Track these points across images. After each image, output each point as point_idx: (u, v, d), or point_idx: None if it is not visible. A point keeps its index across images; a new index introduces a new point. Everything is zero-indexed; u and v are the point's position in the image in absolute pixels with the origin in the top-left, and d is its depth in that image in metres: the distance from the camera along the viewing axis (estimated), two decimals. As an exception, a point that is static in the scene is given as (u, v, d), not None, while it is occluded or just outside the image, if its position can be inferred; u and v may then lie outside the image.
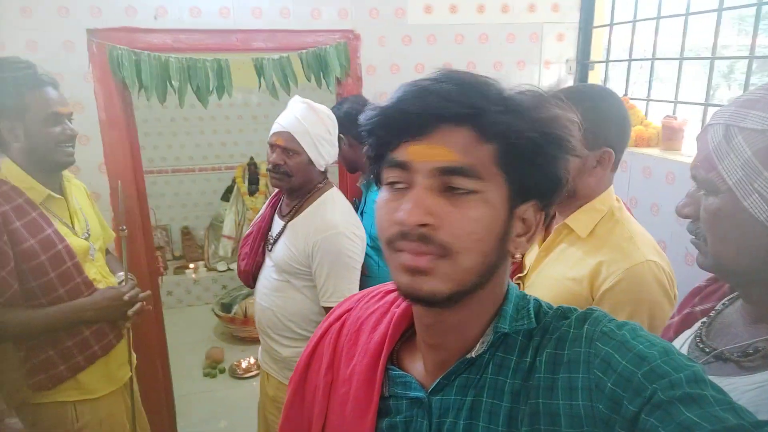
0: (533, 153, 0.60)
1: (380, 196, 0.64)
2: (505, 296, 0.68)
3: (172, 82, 2.15)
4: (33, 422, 1.71)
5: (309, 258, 1.73)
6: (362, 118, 0.64)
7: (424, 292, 0.60)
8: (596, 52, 2.58)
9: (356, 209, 2.07)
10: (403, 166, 0.61)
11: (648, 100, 2.28)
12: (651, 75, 2.25)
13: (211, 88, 2.19)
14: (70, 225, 1.74)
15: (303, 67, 2.27)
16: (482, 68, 2.52)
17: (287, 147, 1.76)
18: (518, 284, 1.39)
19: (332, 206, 1.81)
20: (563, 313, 0.67)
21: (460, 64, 2.49)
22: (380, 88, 2.08)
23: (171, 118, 4.75)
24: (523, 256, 1.43)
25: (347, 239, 1.73)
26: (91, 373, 1.73)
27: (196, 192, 5.07)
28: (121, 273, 1.88)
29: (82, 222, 1.79)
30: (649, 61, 2.31)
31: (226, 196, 4.79)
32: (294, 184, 1.80)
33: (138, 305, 1.79)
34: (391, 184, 0.63)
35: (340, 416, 0.73)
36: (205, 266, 4.77)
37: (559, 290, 1.24)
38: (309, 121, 1.75)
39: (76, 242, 1.69)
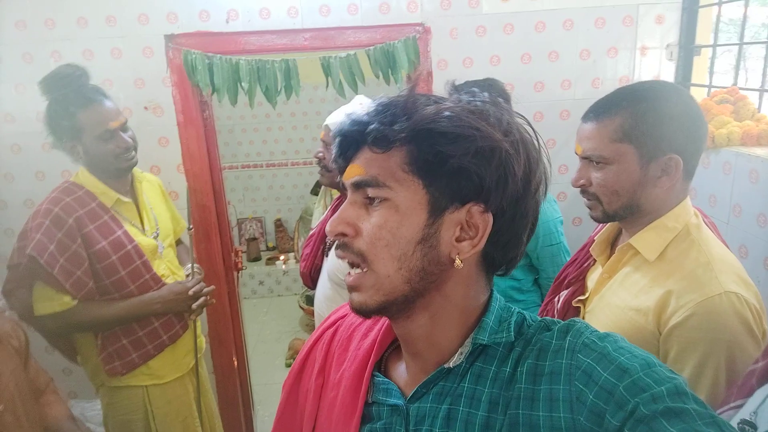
0: (427, 153, 0.61)
1: None
2: (486, 307, 0.68)
3: (243, 83, 2.18)
4: (110, 402, 1.85)
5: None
6: None
7: (354, 305, 0.66)
8: (702, 35, 2.25)
9: None
10: (344, 187, 0.68)
11: (762, 90, 1.95)
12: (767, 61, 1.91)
13: (279, 89, 2.19)
14: (140, 225, 1.83)
15: (370, 63, 2.21)
16: (567, 58, 2.30)
17: None
18: (578, 308, 1.23)
19: None
20: (546, 325, 0.67)
21: (540, 54, 2.30)
22: (457, 82, 1.95)
23: (266, 114, 4.92)
24: (585, 276, 1.27)
25: None
26: (160, 360, 1.84)
27: (289, 185, 5.23)
28: (189, 265, 1.96)
29: (152, 221, 1.88)
30: (765, 45, 1.97)
31: (315, 189, 4.89)
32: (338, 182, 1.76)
33: (202, 299, 1.85)
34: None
35: (328, 420, 0.75)
36: (295, 258, 4.91)
37: (620, 321, 1.08)
38: None
39: (144, 242, 1.79)
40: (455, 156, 0.60)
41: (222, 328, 2.51)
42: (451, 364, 0.67)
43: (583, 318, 1.21)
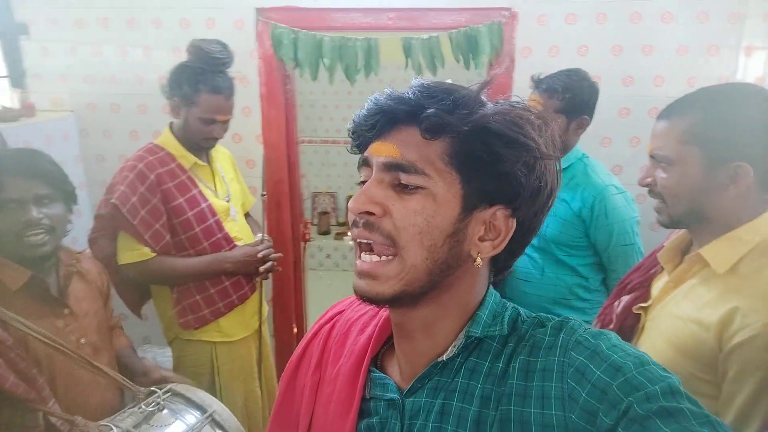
0: (480, 151, 0.60)
1: None
2: (482, 302, 0.69)
3: (324, 59, 2.22)
4: (180, 355, 1.99)
5: None
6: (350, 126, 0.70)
7: (367, 293, 0.64)
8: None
9: None
10: (366, 162, 0.66)
11: None
12: None
13: (359, 67, 2.22)
14: (213, 188, 1.94)
15: (451, 47, 2.19)
16: (661, 53, 2.17)
17: None
18: (638, 315, 1.19)
19: None
20: (540, 321, 0.67)
21: (633, 46, 2.18)
22: (535, 72, 1.89)
23: (347, 91, 4.99)
24: (650, 283, 1.22)
25: None
26: (229, 318, 1.95)
27: (363, 163, 5.30)
28: (260, 234, 2.05)
29: (224, 186, 1.98)
30: None
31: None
32: None
33: (269, 264, 1.94)
34: (361, 183, 0.67)
35: (325, 415, 0.75)
36: (363, 235, 4.99)
37: (681, 333, 1.03)
38: None
39: (217, 203, 1.90)
40: (508, 160, 0.60)
41: (285, 295, 2.61)
42: (444, 357, 0.67)
43: (643, 327, 1.16)
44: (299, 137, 2.59)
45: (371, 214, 0.63)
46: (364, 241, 0.64)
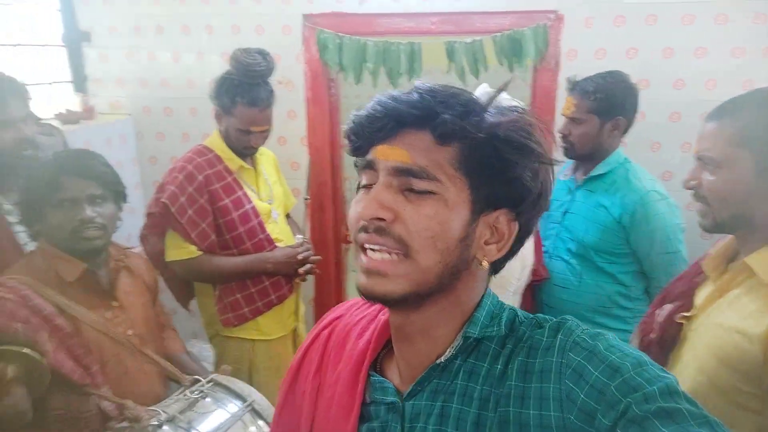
0: (491, 157, 0.61)
1: (355, 197, 0.68)
2: (479, 303, 0.69)
3: (368, 64, 2.25)
4: (221, 351, 2.05)
5: None
6: (345, 127, 0.68)
7: (376, 292, 0.63)
8: None
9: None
10: (370, 165, 0.65)
11: None
12: None
13: (401, 71, 2.24)
14: (256, 191, 2.00)
15: (495, 50, 2.18)
16: (715, 55, 2.09)
17: None
18: (681, 324, 1.15)
19: None
20: (538, 322, 0.67)
21: (685, 49, 2.11)
22: (580, 75, 1.86)
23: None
24: (693, 292, 1.18)
25: None
26: (267, 317, 2.00)
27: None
28: (300, 236, 2.10)
29: (267, 189, 2.04)
30: None
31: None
32: None
33: (308, 266, 1.98)
34: (361, 186, 0.67)
35: (325, 420, 0.75)
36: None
37: (724, 344, 1.00)
38: None
39: (260, 205, 1.95)
40: (517, 166, 0.61)
41: (326, 295, 2.66)
42: (442, 359, 0.67)
43: (686, 337, 1.13)
44: (343, 141, 2.63)
45: (381, 219, 0.61)
46: (375, 247, 0.62)
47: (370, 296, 0.64)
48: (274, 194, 2.07)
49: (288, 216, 2.22)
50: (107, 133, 2.44)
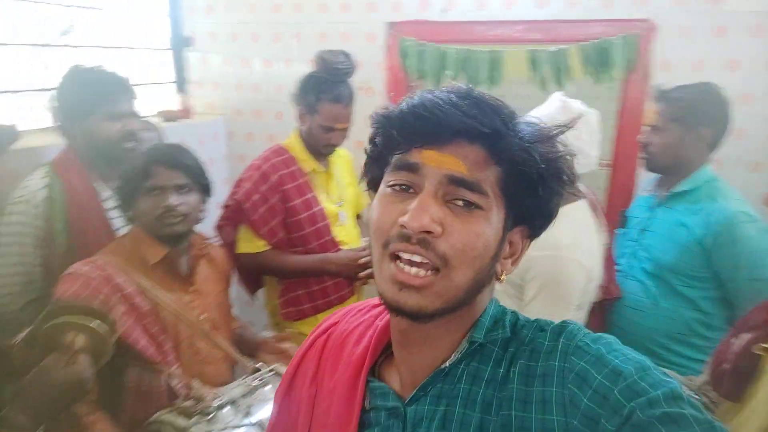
0: (536, 183, 0.61)
1: (381, 197, 0.65)
2: (484, 310, 0.68)
3: (447, 71, 2.26)
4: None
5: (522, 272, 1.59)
6: (375, 116, 0.66)
7: (409, 307, 0.61)
8: None
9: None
10: (413, 168, 0.61)
11: None
12: None
13: (481, 79, 2.23)
14: (327, 193, 2.06)
15: (581, 60, 2.11)
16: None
17: None
18: (759, 356, 1.06)
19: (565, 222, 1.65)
20: (540, 325, 0.66)
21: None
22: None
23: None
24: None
25: (571, 263, 1.47)
26: (326, 315, 2.03)
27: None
28: (367, 239, 2.13)
29: (338, 191, 2.09)
30: None
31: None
32: None
33: (369, 271, 2.00)
34: (393, 186, 0.63)
35: (323, 429, 0.73)
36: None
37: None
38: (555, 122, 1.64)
39: (328, 207, 2.01)
40: (556, 195, 0.64)
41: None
42: (447, 364, 0.66)
43: (764, 370, 1.03)
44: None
45: (429, 232, 0.59)
46: (416, 259, 0.60)
47: (399, 310, 0.62)
48: (345, 196, 2.12)
49: (359, 217, 2.27)
50: (201, 132, 2.62)
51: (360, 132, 2.46)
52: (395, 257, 0.61)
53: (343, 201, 2.09)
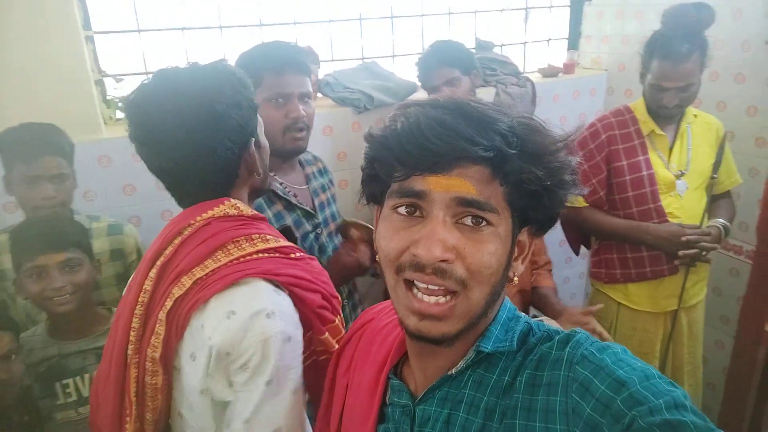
0: (543, 195, 0.63)
1: (388, 222, 0.65)
2: (494, 317, 0.69)
3: None
4: (590, 299, 2.16)
5: None
6: (370, 139, 0.66)
7: (432, 335, 0.63)
8: None
9: None
10: (419, 195, 0.61)
11: None
12: None
13: None
14: (666, 159, 1.91)
15: None
16: None
17: None
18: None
19: None
20: (549, 335, 0.66)
21: None
22: None
23: None
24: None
25: None
26: (638, 287, 1.99)
27: None
28: (721, 220, 1.88)
29: (682, 159, 1.90)
30: None
31: None
32: None
33: (693, 251, 1.81)
34: (399, 210, 0.63)
35: (351, 419, 0.80)
36: None
37: None
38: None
39: (662, 174, 1.90)
40: (562, 202, 0.65)
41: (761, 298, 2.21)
42: (453, 371, 0.68)
43: None
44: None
45: (446, 261, 0.60)
46: (434, 287, 0.61)
47: (423, 339, 0.64)
48: (693, 167, 1.92)
49: (720, 196, 2.01)
50: (578, 87, 2.71)
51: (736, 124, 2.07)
52: (410, 284, 0.63)
53: (689, 171, 1.92)
